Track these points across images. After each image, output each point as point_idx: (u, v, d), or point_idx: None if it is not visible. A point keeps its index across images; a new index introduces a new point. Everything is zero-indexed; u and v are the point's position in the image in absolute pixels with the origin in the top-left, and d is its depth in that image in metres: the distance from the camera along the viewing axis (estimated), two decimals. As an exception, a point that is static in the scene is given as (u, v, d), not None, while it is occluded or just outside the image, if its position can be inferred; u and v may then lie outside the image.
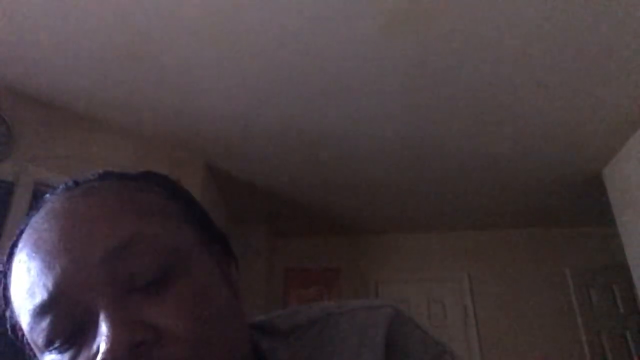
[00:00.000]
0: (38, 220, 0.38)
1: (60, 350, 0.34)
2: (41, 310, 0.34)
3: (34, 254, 0.36)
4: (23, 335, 0.38)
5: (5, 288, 0.39)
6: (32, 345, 0.37)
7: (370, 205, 3.84)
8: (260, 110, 2.55)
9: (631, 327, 3.80)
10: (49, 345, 0.34)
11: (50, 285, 0.34)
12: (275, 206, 3.84)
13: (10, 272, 0.38)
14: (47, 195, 0.41)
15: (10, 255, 0.39)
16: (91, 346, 0.33)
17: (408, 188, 3.53)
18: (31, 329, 0.35)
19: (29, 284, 0.35)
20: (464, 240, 4.34)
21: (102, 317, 0.33)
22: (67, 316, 0.34)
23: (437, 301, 4.16)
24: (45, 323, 0.34)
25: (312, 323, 0.46)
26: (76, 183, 0.41)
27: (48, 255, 0.35)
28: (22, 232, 0.39)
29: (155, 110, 2.53)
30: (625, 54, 2.13)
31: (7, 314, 0.39)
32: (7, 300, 0.39)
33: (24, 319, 0.36)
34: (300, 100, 2.47)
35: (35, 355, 0.37)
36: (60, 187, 0.41)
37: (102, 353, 0.31)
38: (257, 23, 1.94)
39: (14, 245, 0.39)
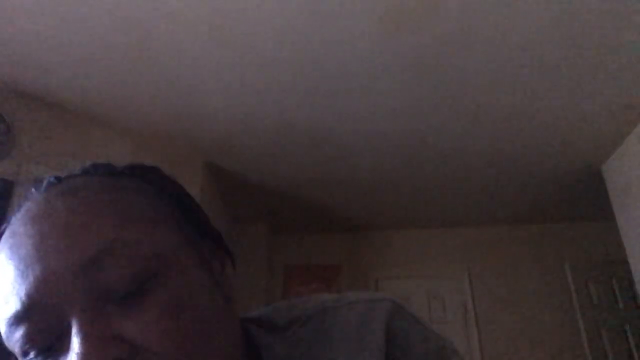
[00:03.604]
0: (16, 222, 0.36)
1: None
2: (15, 321, 0.33)
3: (9, 260, 0.34)
4: None
5: None
6: (11, 351, 0.36)
7: (370, 201, 3.84)
8: (259, 108, 2.55)
9: (631, 321, 3.81)
10: (24, 355, 0.33)
11: (23, 295, 0.32)
12: (275, 204, 3.84)
13: None
14: (32, 191, 0.40)
15: None
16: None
17: (408, 185, 3.53)
18: (7, 337, 0.34)
19: (3, 292, 0.34)
20: (464, 237, 4.35)
21: (74, 331, 0.31)
22: (41, 328, 0.32)
23: (437, 297, 4.16)
24: (19, 334, 0.33)
25: (309, 317, 0.45)
26: (58, 179, 0.39)
27: (22, 263, 0.33)
28: (3, 231, 0.38)
29: (154, 109, 2.53)
30: (626, 50, 2.13)
31: None
32: None
33: (1, 326, 0.34)
34: (300, 98, 2.47)
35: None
36: (44, 182, 0.40)
37: None
38: (256, 21, 1.94)
39: None
